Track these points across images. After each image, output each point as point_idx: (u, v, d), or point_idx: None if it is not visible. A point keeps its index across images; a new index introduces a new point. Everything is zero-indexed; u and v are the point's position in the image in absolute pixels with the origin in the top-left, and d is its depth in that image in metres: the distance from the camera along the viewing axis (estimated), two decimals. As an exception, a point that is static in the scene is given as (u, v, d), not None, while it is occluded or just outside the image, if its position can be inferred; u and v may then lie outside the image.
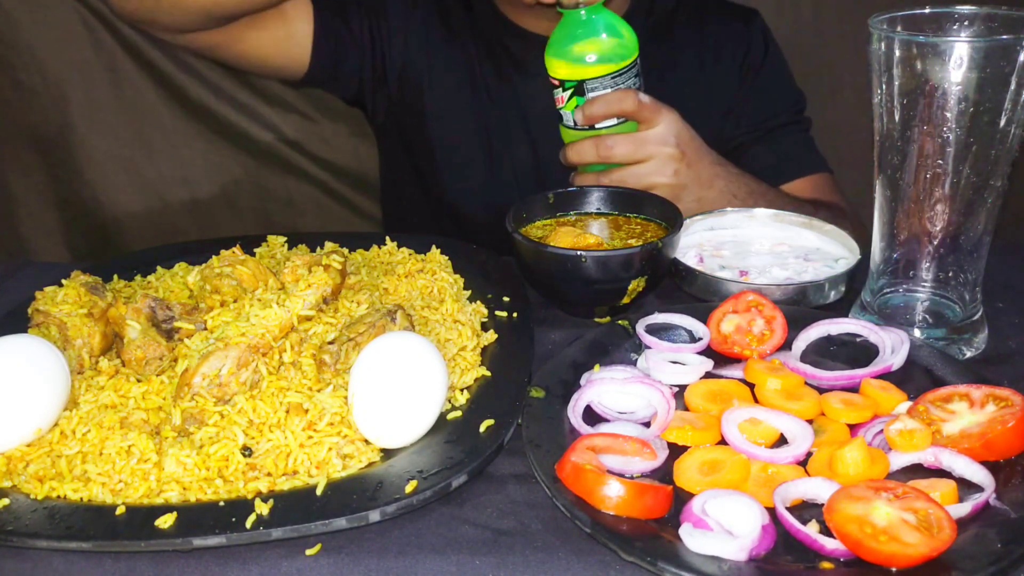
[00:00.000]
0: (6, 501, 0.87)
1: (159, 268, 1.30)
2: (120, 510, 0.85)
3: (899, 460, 0.88)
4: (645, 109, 1.40)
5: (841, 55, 1.74)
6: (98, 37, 2.26)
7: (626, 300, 1.20)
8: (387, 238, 1.37)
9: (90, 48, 2.26)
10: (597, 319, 1.24)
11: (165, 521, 0.83)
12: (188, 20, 1.64)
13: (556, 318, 1.25)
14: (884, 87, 1.04)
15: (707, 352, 1.10)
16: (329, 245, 1.32)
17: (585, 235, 1.24)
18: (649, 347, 1.10)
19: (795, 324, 1.11)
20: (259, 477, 0.89)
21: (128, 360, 1.03)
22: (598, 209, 1.37)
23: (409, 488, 0.86)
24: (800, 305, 1.20)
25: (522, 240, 1.20)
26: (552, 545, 0.83)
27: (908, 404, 0.96)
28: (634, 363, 1.09)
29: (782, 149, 1.75)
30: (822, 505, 0.81)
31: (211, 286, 1.11)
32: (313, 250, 1.32)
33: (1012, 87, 0.97)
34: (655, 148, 1.41)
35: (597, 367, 1.05)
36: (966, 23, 1.05)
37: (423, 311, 1.15)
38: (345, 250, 1.28)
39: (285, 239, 1.36)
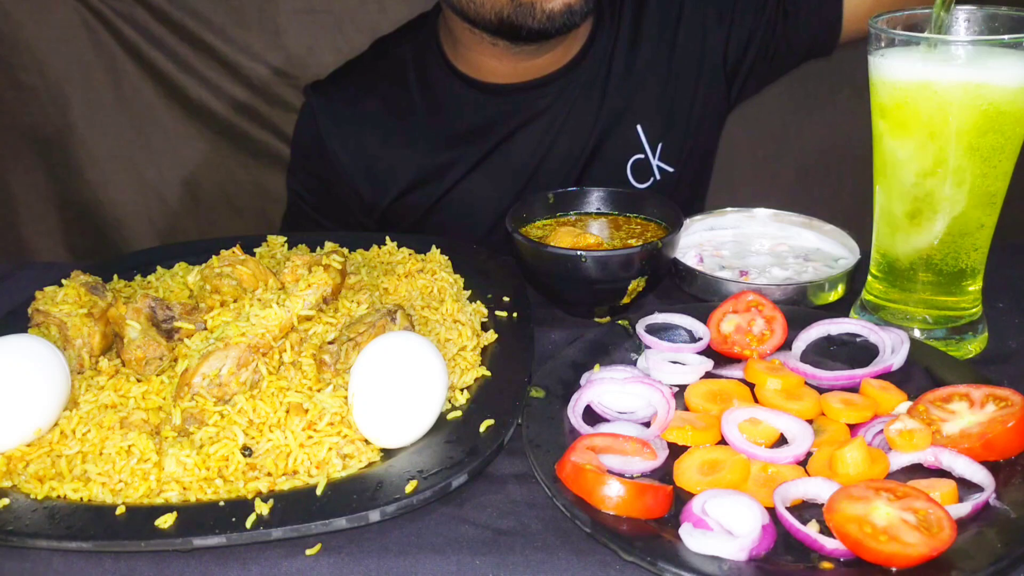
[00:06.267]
0: (6, 501, 0.87)
1: (159, 268, 1.30)
2: (120, 510, 0.85)
3: (899, 460, 0.88)
4: None
5: (841, 55, 1.74)
6: (98, 37, 2.26)
7: (626, 300, 1.20)
8: (387, 238, 1.37)
9: (90, 48, 2.27)
10: (597, 319, 1.24)
11: (165, 521, 0.83)
12: None
13: (556, 318, 1.25)
14: (884, 90, 1.04)
15: (707, 352, 1.10)
16: (329, 245, 1.32)
17: (585, 235, 1.24)
18: (649, 347, 1.10)
19: (795, 324, 1.11)
20: (259, 477, 0.89)
21: (128, 360, 1.03)
22: (598, 209, 1.37)
23: (409, 488, 0.86)
24: (800, 305, 1.20)
25: (522, 240, 1.20)
26: (552, 545, 0.83)
27: (908, 404, 0.96)
28: (634, 363, 1.09)
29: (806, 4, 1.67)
30: (822, 505, 0.81)
31: (211, 286, 1.11)
32: (313, 250, 1.32)
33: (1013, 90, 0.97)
34: None
35: (597, 367, 1.05)
36: (966, 23, 1.05)
37: (423, 311, 1.15)
38: (345, 250, 1.28)
39: (285, 239, 1.36)
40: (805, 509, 0.84)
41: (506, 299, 1.21)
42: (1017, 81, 0.97)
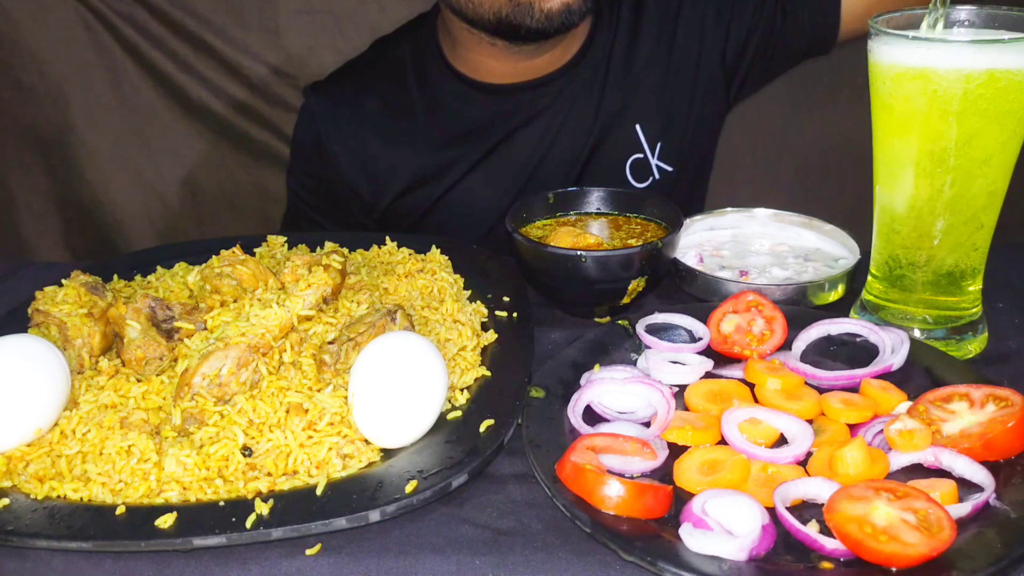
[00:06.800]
0: (6, 501, 0.87)
1: (159, 268, 1.30)
2: (120, 510, 0.85)
3: (899, 460, 0.88)
4: None
5: (841, 55, 1.74)
6: (98, 37, 2.26)
7: (626, 300, 1.20)
8: (387, 238, 1.37)
9: (90, 48, 2.27)
10: (597, 319, 1.24)
11: (165, 521, 0.83)
12: None
13: (556, 318, 1.25)
14: (884, 89, 1.04)
15: (707, 352, 1.10)
16: (329, 245, 1.32)
17: (585, 235, 1.24)
18: (649, 347, 1.10)
19: (795, 324, 1.11)
20: (259, 477, 0.89)
21: (128, 360, 1.03)
22: (598, 209, 1.37)
23: (409, 488, 0.86)
24: (800, 305, 1.20)
25: (522, 240, 1.20)
26: (552, 545, 0.83)
27: (908, 404, 0.96)
28: (634, 363, 1.09)
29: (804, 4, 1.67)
30: (822, 505, 0.81)
31: (211, 286, 1.11)
32: (313, 250, 1.32)
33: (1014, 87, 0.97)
34: None
35: (597, 367, 1.05)
36: (966, 23, 1.05)
37: (423, 311, 1.15)
38: (345, 250, 1.28)
39: (285, 239, 1.36)
40: (805, 509, 0.84)
41: (506, 299, 1.21)
42: (1016, 74, 0.97)
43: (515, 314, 1.18)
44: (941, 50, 0.97)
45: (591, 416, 0.99)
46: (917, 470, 0.88)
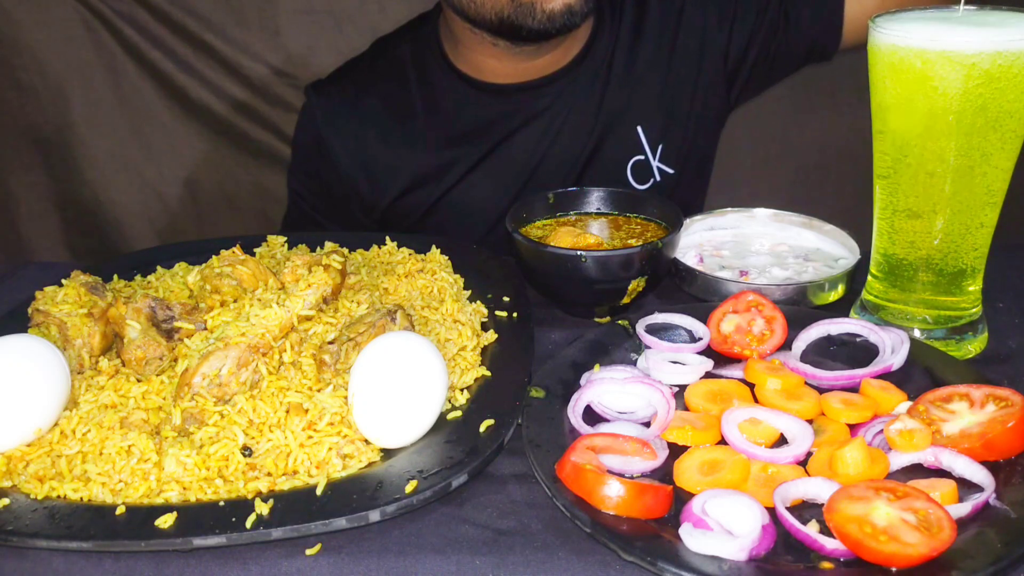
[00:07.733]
0: (6, 501, 0.87)
1: (159, 268, 1.30)
2: (120, 510, 0.85)
3: (899, 460, 0.88)
4: None
5: (841, 56, 1.74)
6: (98, 37, 2.27)
7: (626, 300, 1.20)
8: (387, 238, 1.37)
9: (90, 48, 2.27)
10: (597, 319, 1.24)
11: (165, 521, 0.83)
12: None
13: (556, 318, 1.25)
14: (884, 87, 1.04)
15: (707, 352, 1.10)
16: (329, 245, 1.32)
17: (585, 235, 1.24)
18: (649, 347, 1.10)
19: (795, 324, 1.11)
20: (259, 477, 0.89)
21: (128, 360, 1.03)
22: (598, 209, 1.37)
23: (409, 488, 0.86)
24: (800, 305, 1.20)
25: (522, 240, 1.20)
26: (552, 545, 0.83)
27: (908, 404, 0.96)
28: (634, 363, 1.09)
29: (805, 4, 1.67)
30: (822, 505, 0.81)
31: (211, 286, 1.11)
32: (313, 250, 1.32)
33: (1013, 87, 0.97)
34: None
35: (597, 367, 1.05)
36: (966, 22, 1.05)
37: (423, 311, 1.15)
38: (345, 250, 1.28)
39: (285, 239, 1.36)
40: (805, 509, 0.84)
41: (506, 299, 1.21)
42: (1015, 73, 0.97)
43: (515, 314, 1.18)
44: (941, 48, 0.97)
45: (591, 416, 0.99)
46: (917, 470, 0.88)
